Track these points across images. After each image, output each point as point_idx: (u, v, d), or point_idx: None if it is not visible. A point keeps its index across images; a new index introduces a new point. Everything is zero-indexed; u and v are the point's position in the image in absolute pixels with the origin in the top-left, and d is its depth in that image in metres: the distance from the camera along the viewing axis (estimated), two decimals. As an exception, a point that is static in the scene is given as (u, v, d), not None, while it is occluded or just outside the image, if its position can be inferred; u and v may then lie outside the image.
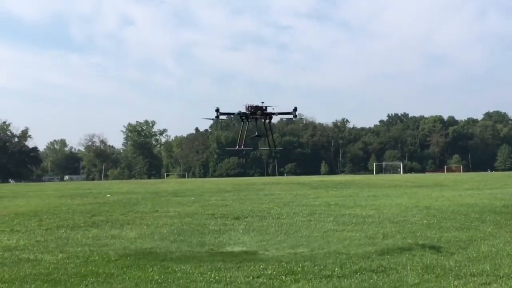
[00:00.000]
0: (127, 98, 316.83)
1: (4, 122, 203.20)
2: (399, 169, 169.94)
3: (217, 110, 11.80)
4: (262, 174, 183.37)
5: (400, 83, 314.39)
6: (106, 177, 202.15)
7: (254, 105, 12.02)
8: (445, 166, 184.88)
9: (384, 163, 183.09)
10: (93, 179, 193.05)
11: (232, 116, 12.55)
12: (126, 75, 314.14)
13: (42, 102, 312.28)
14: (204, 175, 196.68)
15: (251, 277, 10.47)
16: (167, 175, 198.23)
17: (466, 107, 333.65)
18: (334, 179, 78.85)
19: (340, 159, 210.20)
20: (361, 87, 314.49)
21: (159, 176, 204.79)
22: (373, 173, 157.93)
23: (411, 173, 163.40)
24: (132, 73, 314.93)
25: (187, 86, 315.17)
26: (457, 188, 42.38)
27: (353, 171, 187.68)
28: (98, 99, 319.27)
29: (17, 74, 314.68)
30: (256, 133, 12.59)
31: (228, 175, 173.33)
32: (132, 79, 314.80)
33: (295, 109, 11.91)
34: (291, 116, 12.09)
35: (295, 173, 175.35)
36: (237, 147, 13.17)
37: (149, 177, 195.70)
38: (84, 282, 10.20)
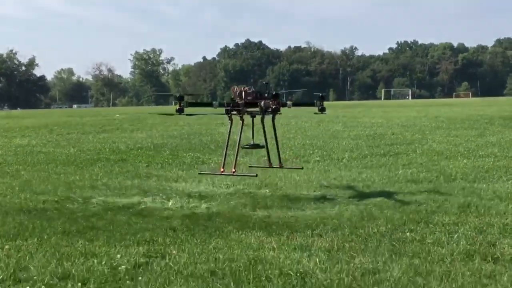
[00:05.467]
0: (133, 27, 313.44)
1: (11, 51, 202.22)
2: (407, 96, 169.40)
3: (181, 98, 7.63)
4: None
5: (410, 10, 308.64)
6: (115, 105, 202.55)
7: (251, 90, 7.52)
8: (453, 93, 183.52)
9: (392, 89, 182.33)
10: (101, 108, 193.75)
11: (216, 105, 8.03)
12: (133, 3, 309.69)
13: (48, 30, 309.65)
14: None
15: (262, 161, 10.57)
16: (175, 103, 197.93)
17: (477, 34, 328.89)
18: (342, 103, 78.82)
19: (348, 87, 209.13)
20: (370, 14, 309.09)
21: (167, 104, 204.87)
22: (381, 100, 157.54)
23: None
24: (139, 1, 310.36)
25: (194, 15, 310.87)
26: (467, 106, 42.22)
27: (361, 99, 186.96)
28: (104, 27, 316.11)
29: (22, 3, 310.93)
30: (253, 142, 7.91)
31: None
32: (138, 7, 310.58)
33: (322, 98, 7.67)
34: (315, 108, 7.83)
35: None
36: (222, 169, 7.85)
37: (157, 105, 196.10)
38: (98, 164, 10.35)
